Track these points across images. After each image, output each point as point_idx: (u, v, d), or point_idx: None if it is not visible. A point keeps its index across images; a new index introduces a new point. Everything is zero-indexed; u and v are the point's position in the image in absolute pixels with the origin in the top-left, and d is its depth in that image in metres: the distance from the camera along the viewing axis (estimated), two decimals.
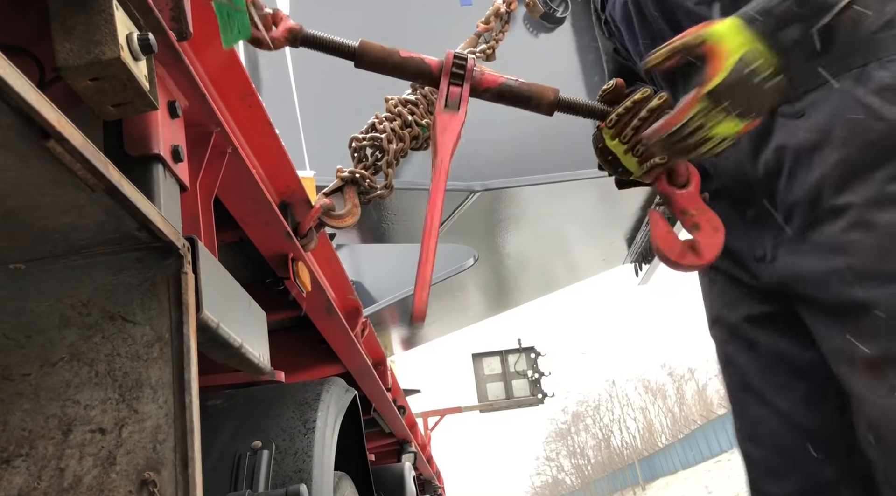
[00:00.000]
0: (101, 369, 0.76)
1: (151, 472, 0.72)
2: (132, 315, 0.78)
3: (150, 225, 0.76)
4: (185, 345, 0.77)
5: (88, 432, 0.74)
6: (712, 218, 1.35)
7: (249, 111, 1.31)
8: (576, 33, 4.83)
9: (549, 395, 10.65)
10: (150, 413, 0.74)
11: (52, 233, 0.75)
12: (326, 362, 2.15)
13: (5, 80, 0.53)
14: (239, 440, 1.44)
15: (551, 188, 4.40)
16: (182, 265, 0.80)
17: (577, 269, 6.78)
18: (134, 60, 0.80)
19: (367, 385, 2.46)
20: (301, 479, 1.39)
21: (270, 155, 1.45)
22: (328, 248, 1.91)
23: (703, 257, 1.32)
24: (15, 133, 0.59)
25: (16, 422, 0.74)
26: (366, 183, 1.79)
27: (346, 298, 2.14)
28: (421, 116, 1.91)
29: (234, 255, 1.69)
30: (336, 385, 1.70)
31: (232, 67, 1.22)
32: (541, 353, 10.71)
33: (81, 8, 0.77)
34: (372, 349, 2.56)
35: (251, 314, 1.09)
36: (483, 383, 10.54)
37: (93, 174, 0.66)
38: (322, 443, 1.48)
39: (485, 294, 6.86)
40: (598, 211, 5.28)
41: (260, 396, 1.62)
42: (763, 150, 1.33)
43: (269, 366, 1.12)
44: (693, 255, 1.33)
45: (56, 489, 0.72)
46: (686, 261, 1.33)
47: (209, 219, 1.18)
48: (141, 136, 0.91)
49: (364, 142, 1.86)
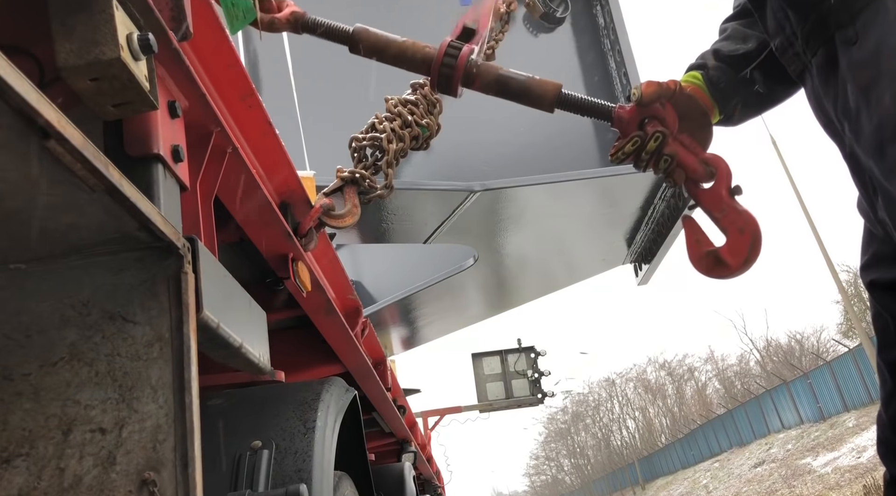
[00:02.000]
0: (101, 369, 0.76)
1: (151, 472, 0.72)
2: (132, 315, 0.78)
3: (150, 225, 0.76)
4: (186, 345, 0.77)
5: (88, 432, 0.74)
6: (737, 219, 1.29)
7: (249, 111, 1.31)
8: (576, 33, 4.83)
9: (549, 395, 10.65)
10: (150, 413, 0.74)
11: (52, 233, 0.75)
12: (326, 362, 2.15)
13: (5, 80, 0.53)
14: (239, 440, 1.44)
15: (551, 188, 4.40)
16: (182, 265, 0.80)
17: (577, 269, 6.78)
18: (134, 60, 0.80)
19: (367, 385, 2.46)
20: (301, 479, 1.39)
21: (270, 155, 1.44)
22: (328, 248, 1.91)
23: (729, 268, 1.27)
24: (15, 133, 0.59)
25: (16, 422, 0.74)
26: (366, 183, 1.79)
27: (346, 298, 2.14)
28: (421, 116, 1.91)
29: (234, 255, 1.69)
30: (336, 385, 1.70)
31: (232, 67, 1.22)
32: (541, 353, 10.70)
33: (81, 8, 0.77)
34: (372, 349, 2.56)
35: (251, 314, 1.09)
36: (483, 383, 10.53)
37: (93, 174, 0.66)
38: (322, 443, 1.48)
39: (485, 294, 6.86)
40: (598, 211, 5.28)
41: (260, 396, 1.62)
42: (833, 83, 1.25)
43: (269, 366, 1.12)
44: (721, 268, 1.28)
45: (56, 489, 0.72)
46: (714, 275, 1.29)
47: (209, 219, 1.18)
48: (141, 136, 0.91)
49: (364, 142, 1.86)
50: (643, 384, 47.21)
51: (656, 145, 1.40)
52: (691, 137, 1.44)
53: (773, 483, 18.38)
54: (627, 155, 1.43)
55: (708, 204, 1.34)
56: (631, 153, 1.43)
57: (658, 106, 1.41)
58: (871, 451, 15.21)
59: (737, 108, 1.60)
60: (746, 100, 1.60)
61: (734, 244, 1.27)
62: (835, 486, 14.22)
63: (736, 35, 1.59)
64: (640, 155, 1.42)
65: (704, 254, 1.32)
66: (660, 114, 1.40)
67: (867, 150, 1.20)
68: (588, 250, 6.25)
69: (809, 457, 19.00)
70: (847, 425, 19.54)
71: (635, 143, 1.41)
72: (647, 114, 1.41)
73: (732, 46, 1.58)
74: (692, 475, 29.92)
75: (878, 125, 1.16)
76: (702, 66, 1.59)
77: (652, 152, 1.41)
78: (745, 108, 1.61)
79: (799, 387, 23.96)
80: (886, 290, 1.41)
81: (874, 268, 1.45)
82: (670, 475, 35.12)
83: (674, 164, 1.40)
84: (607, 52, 4.76)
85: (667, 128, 1.39)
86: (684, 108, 1.46)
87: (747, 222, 1.28)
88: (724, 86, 1.55)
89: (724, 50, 1.58)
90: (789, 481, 17.34)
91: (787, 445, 22.41)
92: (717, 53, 1.59)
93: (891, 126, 1.14)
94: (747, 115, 1.64)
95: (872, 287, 1.46)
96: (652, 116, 1.41)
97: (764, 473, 20.73)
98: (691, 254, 1.34)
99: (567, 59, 4.74)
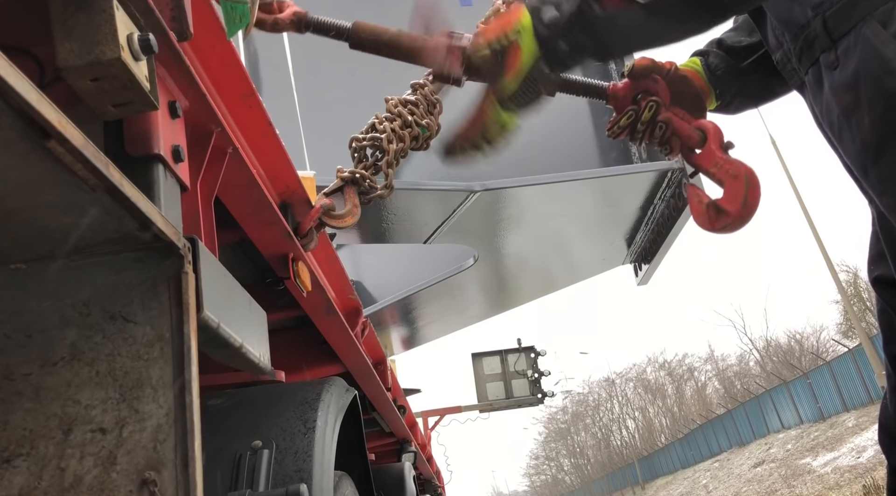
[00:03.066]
0: (101, 369, 0.76)
1: (152, 472, 0.72)
2: (133, 315, 0.78)
3: (150, 225, 0.76)
4: (186, 345, 0.77)
5: (89, 432, 0.74)
6: (730, 167, 1.31)
7: (250, 111, 1.31)
8: None
9: (549, 395, 10.65)
10: (150, 412, 0.74)
11: (52, 233, 0.75)
12: (326, 362, 2.15)
13: (6, 80, 0.53)
14: (239, 440, 1.44)
15: (551, 188, 4.40)
16: (182, 265, 0.80)
17: (577, 269, 6.78)
18: (134, 60, 0.80)
19: (367, 385, 2.46)
20: (301, 479, 1.39)
21: (271, 155, 1.44)
22: (328, 248, 1.91)
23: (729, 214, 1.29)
24: (16, 133, 0.59)
25: (16, 422, 0.74)
26: (366, 183, 1.79)
27: (346, 298, 2.14)
28: (421, 117, 1.91)
29: (234, 255, 1.69)
30: (336, 385, 1.70)
31: (232, 67, 1.22)
32: (541, 353, 10.70)
33: (82, 8, 0.77)
34: (372, 349, 2.56)
35: (252, 314, 1.09)
36: (483, 383, 10.52)
37: (93, 174, 0.66)
38: (322, 443, 1.48)
39: (485, 294, 6.87)
40: (598, 211, 5.28)
41: (260, 396, 1.62)
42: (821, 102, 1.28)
43: (269, 366, 1.12)
44: (723, 217, 1.29)
45: (56, 489, 0.72)
46: (719, 226, 1.30)
47: (210, 219, 1.18)
48: (141, 136, 0.91)
49: (364, 142, 1.86)
50: (643, 384, 47.22)
51: (650, 114, 1.42)
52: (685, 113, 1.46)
53: (773, 483, 18.39)
54: (623, 128, 1.46)
55: (704, 164, 1.37)
56: (626, 126, 1.46)
57: (651, 81, 1.43)
58: (870, 451, 15.22)
59: (735, 97, 1.61)
60: (744, 90, 1.62)
61: (731, 191, 1.30)
62: (834, 486, 14.23)
63: (744, 26, 1.62)
64: (636, 127, 1.44)
65: (705, 207, 1.33)
66: (652, 88, 1.43)
67: (855, 167, 1.23)
68: (588, 250, 6.25)
69: (809, 457, 19.01)
70: (847, 425, 19.55)
71: (630, 116, 1.44)
72: (641, 89, 1.43)
73: (737, 37, 1.60)
74: (692, 475, 29.93)
75: (861, 147, 1.19)
76: (703, 53, 1.61)
77: (647, 122, 1.43)
78: (743, 98, 1.64)
79: (798, 387, 23.96)
80: (891, 287, 1.42)
81: (880, 265, 1.47)
82: (670, 475, 35.13)
83: (669, 130, 1.42)
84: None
85: (660, 98, 1.41)
86: (679, 88, 1.48)
87: (739, 167, 1.31)
88: (721, 73, 1.58)
89: (728, 40, 1.61)
90: (789, 481, 17.35)
91: (787, 445, 22.42)
92: (721, 43, 1.61)
93: (872, 149, 1.17)
94: (745, 105, 1.67)
95: (877, 283, 1.48)
96: (645, 91, 1.43)
97: (764, 473, 20.74)
98: (695, 213, 1.36)
99: None
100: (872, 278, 1.50)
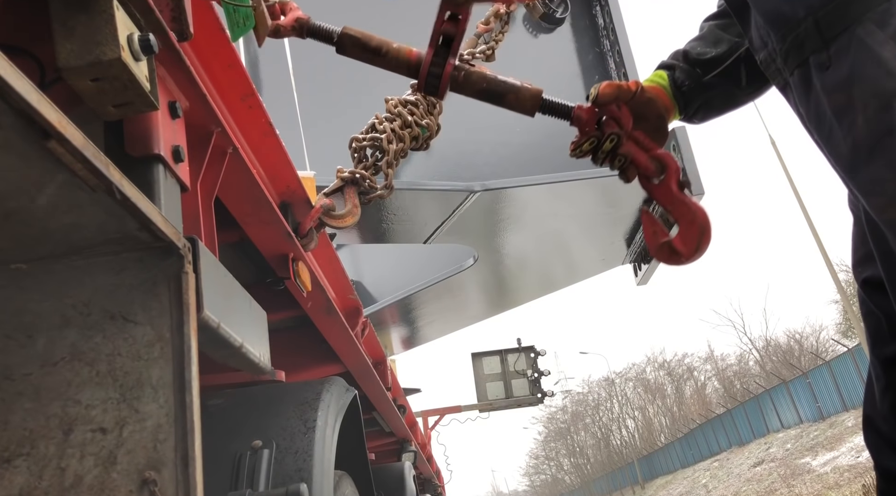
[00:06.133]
0: (101, 369, 0.76)
1: (152, 472, 0.72)
2: (133, 315, 0.78)
3: (150, 225, 0.76)
4: (186, 345, 0.77)
5: (89, 431, 0.74)
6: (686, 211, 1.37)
7: (250, 111, 1.31)
8: (575, 34, 4.83)
9: (548, 395, 10.65)
10: (150, 412, 0.74)
11: (53, 233, 0.75)
12: (326, 362, 2.15)
13: (6, 80, 0.54)
14: (239, 439, 1.44)
15: (551, 188, 4.40)
16: (183, 265, 0.81)
17: (577, 269, 6.78)
18: (135, 61, 0.80)
19: (367, 384, 2.46)
20: (301, 478, 1.39)
21: (271, 155, 1.45)
22: (328, 248, 1.91)
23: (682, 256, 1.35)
24: (16, 133, 0.59)
25: (17, 422, 0.74)
26: (366, 183, 1.80)
27: (346, 298, 2.14)
28: (421, 117, 1.91)
29: (234, 255, 1.69)
30: (336, 384, 1.70)
31: (232, 68, 1.22)
32: (540, 353, 10.70)
33: (82, 9, 0.77)
34: (372, 349, 2.56)
35: (252, 314, 1.09)
36: (483, 383, 10.52)
37: (94, 174, 0.66)
38: (322, 443, 1.48)
39: (485, 294, 6.86)
40: (598, 211, 5.28)
41: (260, 396, 1.63)
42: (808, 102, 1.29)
43: (269, 366, 1.12)
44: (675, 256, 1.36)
45: (57, 488, 0.72)
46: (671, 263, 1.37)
47: (210, 219, 1.19)
48: (142, 136, 0.91)
49: (364, 142, 1.86)
50: (642, 384, 47.19)
51: (611, 146, 1.45)
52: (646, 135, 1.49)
53: (773, 482, 18.39)
54: (584, 153, 1.49)
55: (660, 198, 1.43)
56: (588, 151, 1.49)
57: (614, 106, 1.46)
58: None
59: (699, 109, 1.65)
60: (709, 102, 1.66)
61: (685, 234, 1.37)
62: (834, 486, 14.22)
63: (709, 37, 1.64)
64: (597, 153, 1.47)
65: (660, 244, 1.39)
66: (615, 114, 1.46)
67: (844, 168, 1.24)
68: (587, 250, 6.25)
69: (808, 457, 19.01)
70: (846, 425, 19.54)
71: (592, 142, 1.47)
72: (604, 113, 1.47)
73: (702, 49, 1.62)
74: (692, 474, 29.94)
75: (853, 147, 1.19)
76: (670, 66, 1.63)
77: (607, 152, 1.46)
78: (707, 109, 1.69)
79: (798, 387, 23.96)
80: (879, 289, 1.43)
81: (867, 266, 1.47)
82: (670, 474, 35.13)
83: (627, 162, 1.46)
84: (607, 53, 4.77)
85: (622, 128, 1.45)
86: (642, 110, 1.53)
87: (695, 214, 1.36)
88: (686, 89, 1.62)
89: (693, 52, 1.63)
90: (788, 480, 17.34)
91: (787, 445, 22.42)
92: (687, 55, 1.64)
93: (864, 149, 1.17)
94: (709, 115, 1.72)
95: (865, 285, 1.48)
96: (609, 115, 1.46)
97: (763, 473, 20.74)
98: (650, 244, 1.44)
99: (567, 60, 4.74)
100: (861, 280, 1.50)
